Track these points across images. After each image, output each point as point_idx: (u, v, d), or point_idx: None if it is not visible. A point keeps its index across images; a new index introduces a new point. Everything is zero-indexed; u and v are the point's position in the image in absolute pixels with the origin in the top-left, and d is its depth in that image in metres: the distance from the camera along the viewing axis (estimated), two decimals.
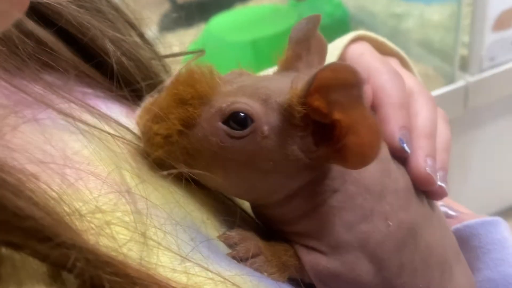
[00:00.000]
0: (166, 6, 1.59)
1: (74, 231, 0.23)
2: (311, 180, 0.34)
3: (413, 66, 0.50)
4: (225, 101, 0.32)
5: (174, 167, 0.32)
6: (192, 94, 0.33)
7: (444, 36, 1.30)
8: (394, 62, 0.46)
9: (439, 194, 0.39)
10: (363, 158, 0.31)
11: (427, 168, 0.38)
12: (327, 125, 0.32)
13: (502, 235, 0.42)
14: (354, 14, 1.45)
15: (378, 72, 0.42)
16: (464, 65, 1.24)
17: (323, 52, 0.39)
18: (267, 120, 0.32)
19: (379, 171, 0.36)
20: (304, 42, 0.37)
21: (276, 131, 0.32)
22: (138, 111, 0.34)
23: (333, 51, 0.45)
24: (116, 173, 0.29)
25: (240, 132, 0.32)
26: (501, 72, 1.23)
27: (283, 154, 0.32)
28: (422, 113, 0.41)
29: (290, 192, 0.34)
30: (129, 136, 0.34)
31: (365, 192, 0.35)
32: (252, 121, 0.32)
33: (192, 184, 0.33)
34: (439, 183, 0.39)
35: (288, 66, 0.37)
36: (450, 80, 1.23)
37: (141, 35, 0.42)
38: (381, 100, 0.40)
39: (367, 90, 0.40)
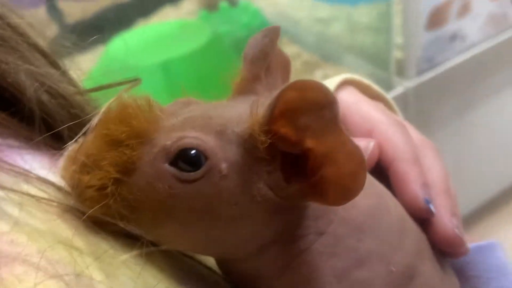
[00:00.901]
0: (53, 29, 1.53)
1: None
2: (288, 223, 0.32)
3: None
4: (169, 138, 0.30)
5: (114, 225, 0.30)
6: (128, 133, 0.30)
7: (375, 39, 1.34)
8: (382, 107, 0.47)
9: (464, 254, 0.39)
10: (345, 192, 0.29)
11: (455, 230, 0.38)
12: (298, 156, 0.30)
13: (500, 261, 0.42)
14: (274, 23, 1.46)
15: (383, 124, 0.42)
16: (401, 70, 1.27)
17: (286, 71, 0.38)
18: (224, 156, 0.30)
19: (373, 207, 0.35)
20: (262, 60, 0.36)
21: (237, 168, 0.30)
22: (62, 161, 0.31)
23: None
24: (51, 250, 0.26)
25: (193, 173, 0.30)
26: (442, 73, 1.27)
27: (248, 195, 0.30)
28: (436, 167, 0.41)
29: (264, 240, 0.32)
30: (56, 195, 0.31)
31: (358, 232, 0.33)
32: (206, 158, 0.30)
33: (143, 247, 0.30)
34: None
35: (244, 89, 0.35)
36: (387, 87, 1.25)
37: (57, 66, 0.39)
38: (392, 156, 0.40)
39: (375, 145, 0.41)
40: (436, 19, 1.24)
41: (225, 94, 0.37)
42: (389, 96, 1.24)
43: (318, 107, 0.28)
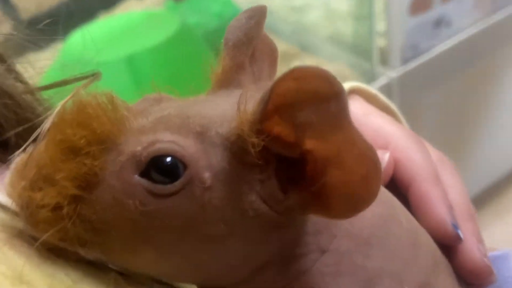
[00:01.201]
0: (7, 26, 1.49)
1: None
2: (286, 241, 0.29)
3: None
4: (139, 142, 0.27)
5: (75, 253, 0.28)
6: (88, 138, 0.27)
7: (356, 27, 1.33)
8: (395, 121, 0.46)
9: (491, 283, 0.37)
10: (354, 202, 0.27)
11: (484, 259, 0.36)
12: (296, 160, 0.27)
13: None
14: None
15: (399, 139, 0.41)
16: (384, 59, 1.26)
17: (273, 59, 0.35)
18: (207, 163, 0.27)
19: (382, 216, 0.32)
20: (246, 46, 0.33)
21: (223, 177, 0.27)
22: (8, 175, 0.28)
23: None
24: None
25: (169, 186, 0.27)
26: (427, 61, 1.26)
27: (238, 210, 0.27)
28: (457, 187, 0.40)
29: (257, 263, 0.29)
30: (1, 217, 0.29)
31: (366, 246, 0.31)
32: (185, 167, 0.27)
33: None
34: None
35: (226, 81, 0.32)
36: (370, 78, 1.25)
37: (1, 59, 0.36)
38: (413, 175, 0.39)
39: (390, 157, 0.39)
40: (419, 3, 1.22)
41: (200, 91, 0.34)
42: (373, 87, 1.24)
43: (321, 99, 0.25)
